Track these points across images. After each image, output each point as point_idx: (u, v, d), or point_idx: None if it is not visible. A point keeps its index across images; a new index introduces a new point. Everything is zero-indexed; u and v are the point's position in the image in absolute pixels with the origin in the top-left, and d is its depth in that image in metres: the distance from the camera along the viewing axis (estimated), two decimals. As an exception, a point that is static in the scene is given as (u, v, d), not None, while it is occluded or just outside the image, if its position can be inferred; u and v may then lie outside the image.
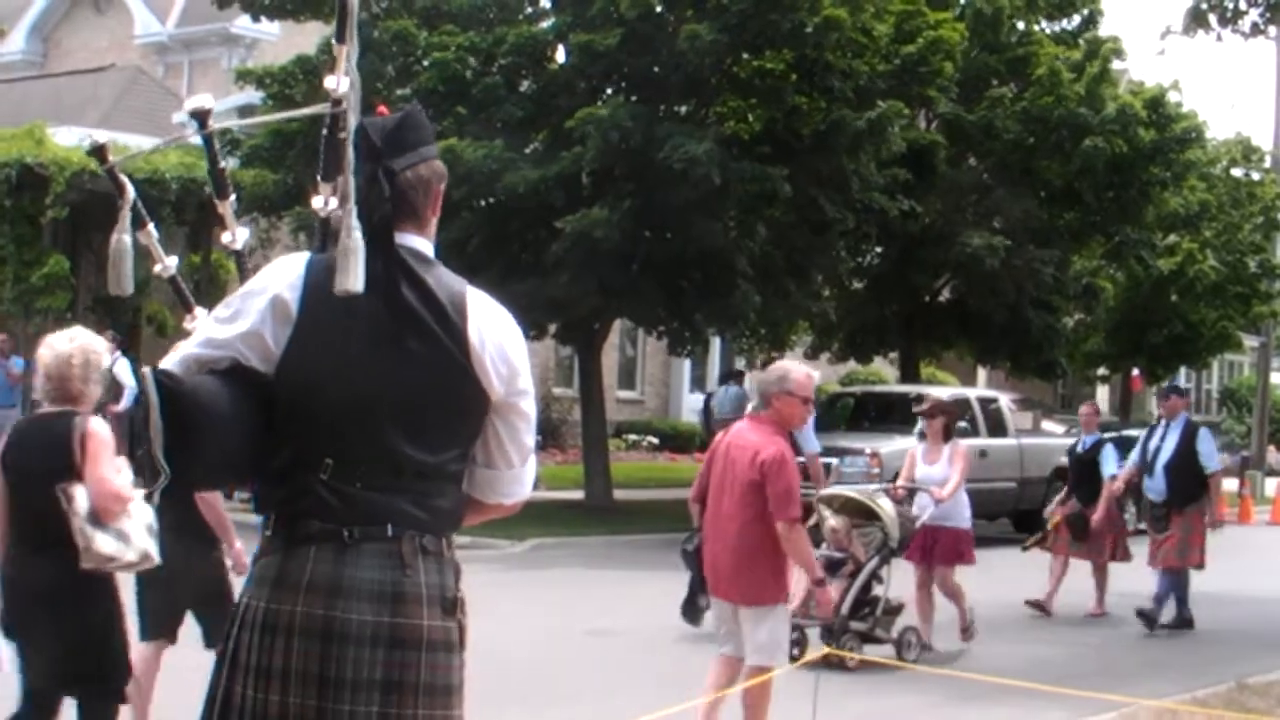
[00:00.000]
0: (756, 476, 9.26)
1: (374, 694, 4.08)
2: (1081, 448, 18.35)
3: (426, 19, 26.13)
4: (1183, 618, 16.89)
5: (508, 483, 4.45)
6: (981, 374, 46.82)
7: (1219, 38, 19.50)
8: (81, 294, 26.46)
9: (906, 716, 11.91)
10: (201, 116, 4.68)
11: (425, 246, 4.33)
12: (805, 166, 25.43)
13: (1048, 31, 34.20)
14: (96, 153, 4.78)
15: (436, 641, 4.18)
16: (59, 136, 27.11)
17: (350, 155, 4.11)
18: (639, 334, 37.59)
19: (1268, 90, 55.72)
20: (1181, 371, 51.61)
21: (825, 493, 14.67)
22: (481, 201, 25.15)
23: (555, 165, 24.15)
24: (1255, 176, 44.39)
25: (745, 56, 25.76)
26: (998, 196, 32.10)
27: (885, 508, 13.76)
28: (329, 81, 4.13)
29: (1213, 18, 19.27)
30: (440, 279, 4.27)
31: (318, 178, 4.28)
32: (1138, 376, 47.21)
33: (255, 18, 28.64)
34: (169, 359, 4.27)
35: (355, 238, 4.03)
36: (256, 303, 4.20)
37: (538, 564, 20.59)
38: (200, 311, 4.72)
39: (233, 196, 4.84)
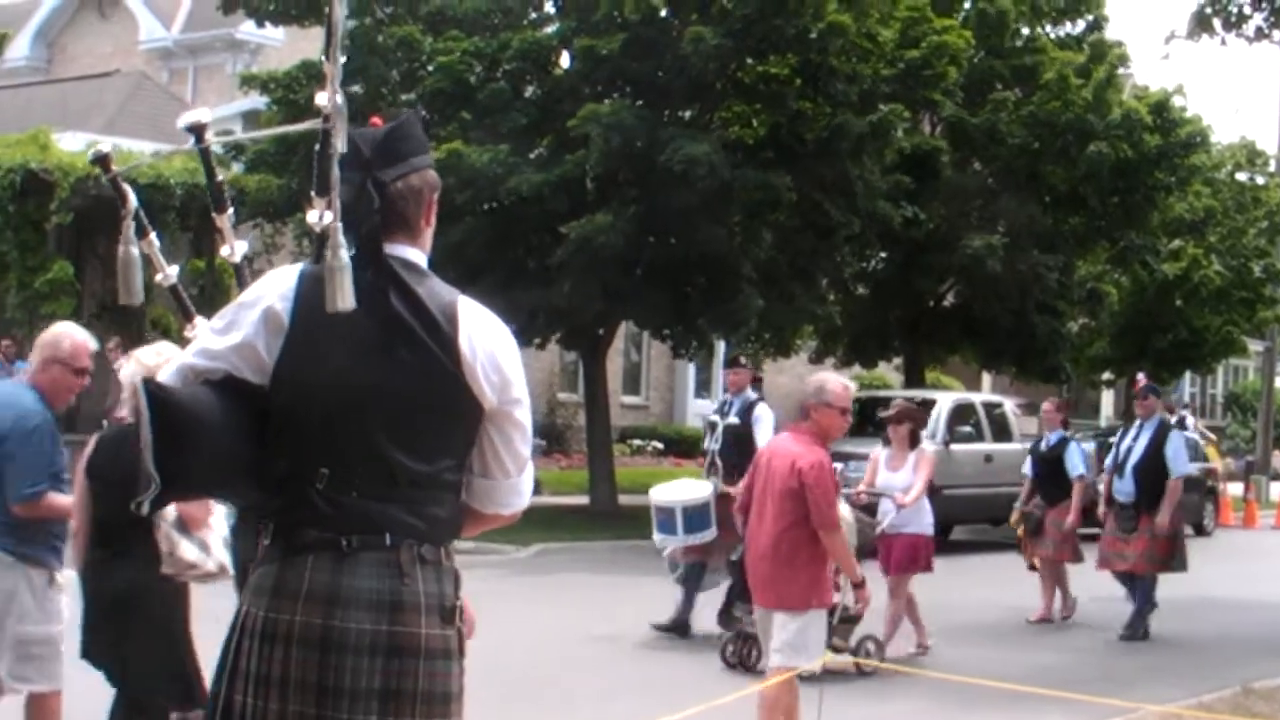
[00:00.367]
0: (795, 484, 9.43)
1: (372, 702, 4.09)
2: (1045, 445, 17.89)
3: (431, 24, 26.16)
4: (1137, 626, 16.56)
5: (505, 493, 4.44)
6: (986, 378, 46.78)
7: (1223, 42, 19.50)
8: (86, 300, 26.46)
9: (910, 722, 11.92)
10: (198, 130, 4.72)
11: (418, 257, 4.35)
12: (809, 171, 25.46)
13: (1052, 36, 34.21)
14: (100, 162, 4.86)
15: (435, 650, 4.18)
16: (64, 142, 27.12)
17: (335, 173, 4.10)
18: (644, 339, 37.60)
19: (1272, 95, 55.68)
20: (1186, 376, 51.61)
21: None
22: (486, 206, 25.18)
23: (559, 169, 24.18)
24: (1260, 181, 44.33)
25: (749, 61, 25.77)
26: (1002, 201, 32.13)
27: (844, 514, 13.10)
28: (319, 98, 4.11)
29: (1217, 22, 19.25)
30: (432, 289, 4.28)
31: (312, 192, 4.27)
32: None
33: (260, 23, 28.70)
34: (166, 369, 4.28)
35: (342, 256, 4.03)
36: (250, 314, 4.21)
37: (542, 569, 20.59)
38: (200, 320, 4.76)
39: (231, 210, 4.87)
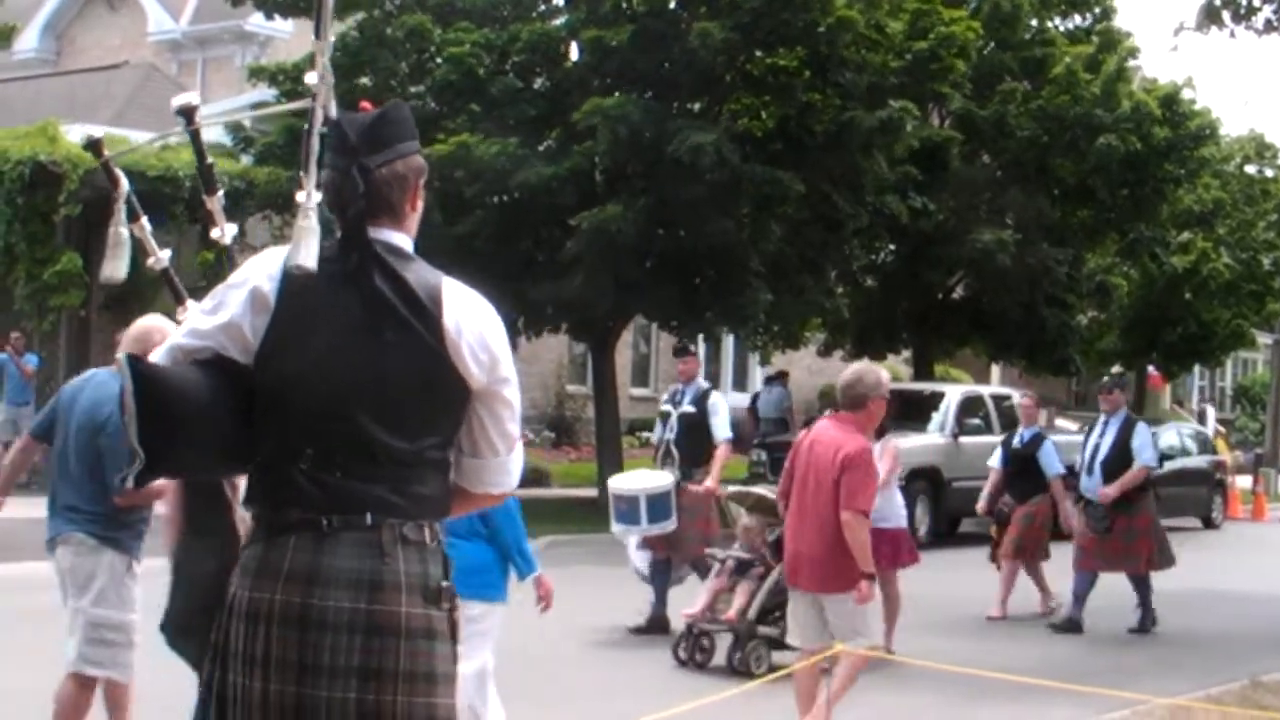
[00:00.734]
0: (837, 473, 9.71)
1: (351, 680, 4.12)
2: (1019, 442, 17.50)
3: (441, 15, 26.14)
4: (1072, 620, 16.21)
5: (494, 471, 4.49)
6: (995, 371, 46.78)
7: (1232, 35, 19.44)
8: (95, 292, 26.45)
9: (919, 714, 11.90)
10: (188, 113, 4.86)
11: (403, 241, 4.41)
12: (818, 164, 25.43)
13: (1061, 29, 34.20)
14: (92, 147, 5.00)
15: (416, 629, 4.20)
16: (72, 134, 27.09)
17: (315, 146, 4.20)
18: (652, 331, 37.57)
19: (1282, 87, 55.61)
20: (1196, 369, 51.62)
21: (736, 490, 14.20)
22: (495, 198, 25.17)
23: (568, 162, 24.17)
24: (1269, 174, 44.41)
25: (758, 54, 25.76)
26: (1011, 194, 32.12)
27: None
28: (309, 77, 4.21)
29: (1226, 15, 19.21)
30: (417, 272, 4.35)
31: (300, 172, 4.33)
32: (1158, 375, 47.18)
33: (268, 15, 28.66)
34: (158, 349, 4.36)
35: (312, 220, 4.13)
36: (237, 294, 4.29)
37: (551, 561, 20.43)
38: (191, 303, 4.84)
39: (220, 193, 5.00)
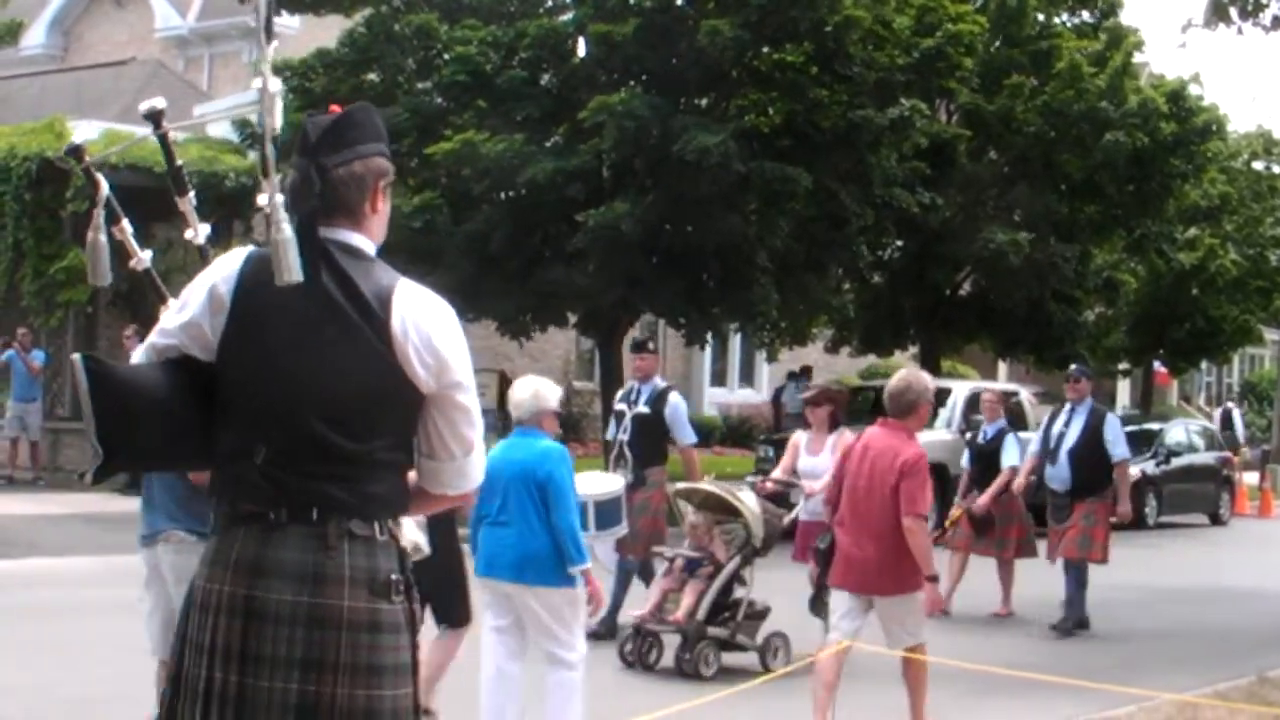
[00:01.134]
0: (895, 479, 9.94)
1: (293, 671, 4.20)
2: (983, 438, 17.38)
3: (448, 12, 26.15)
4: (1077, 618, 15.82)
5: (451, 474, 4.54)
6: (1002, 367, 46.76)
7: (1240, 31, 19.45)
8: (102, 288, 26.46)
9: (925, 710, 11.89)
10: (155, 117, 4.99)
11: (362, 242, 4.45)
12: (825, 160, 25.42)
13: (1068, 25, 34.16)
14: (74, 153, 5.10)
15: (359, 622, 4.25)
16: (79, 130, 27.14)
17: (270, 152, 4.25)
18: (660, 327, 37.57)
19: (1289, 83, 55.57)
20: (1203, 365, 51.60)
21: (683, 487, 13.66)
22: (503, 195, 25.19)
23: (575, 158, 24.17)
24: (1276, 170, 44.32)
25: (765, 50, 25.74)
26: (1018, 190, 32.10)
27: (747, 503, 12.79)
28: (256, 81, 4.26)
29: (1233, 10, 19.20)
30: (370, 273, 4.38)
31: (260, 174, 4.39)
32: (1162, 372, 47.16)
33: (276, 11, 28.67)
34: (138, 349, 4.58)
35: (285, 230, 4.16)
36: (199, 294, 4.40)
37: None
38: (173, 302, 4.89)
39: (192, 193, 5.12)
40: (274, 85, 4.22)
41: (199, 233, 5.10)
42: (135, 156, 22.62)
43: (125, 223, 5.11)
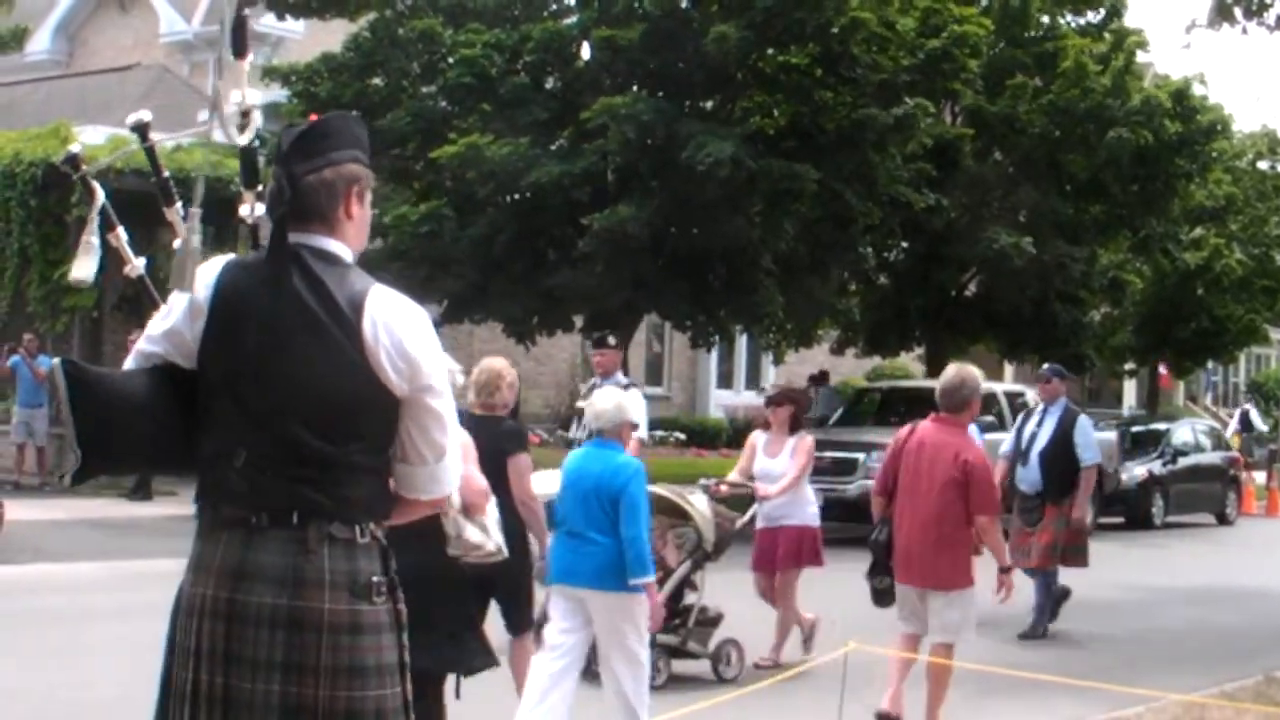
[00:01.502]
0: (958, 475, 10.16)
1: (274, 674, 4.26)
2: None
3: (452, 17, 26.18)
4: (1039, 625, 15.57)
5: (424, 479, 4.57)
6: (1008, 369, 46.74)
7: (1244, 31, 19.43)
8: (109, 293, 26.49)
9: (933, 711, 11.89)
10: (142, 129, 5.04)
11: (337, 248, 4.50)
12: (830, 161, 25.42)
13: (1073, 25, 34.16)
14: (70, 162, 5.20)
15: (340, 624, 4.30)
16: (85, 136, 27.16)
17: (258, 163, 4.46)
18: (666, 330, 37.61)
19: (1294, 83, 55.57)
20: (1209, 365, 51.58)
21: None
22: (508, 198, 25.21)
23: (580, 161, 24.19)
24: (1280, 169, 44.32)
25: (770, 52, 25.75)
26: (1023, 191, 32.10)
27: (698, 507, 12.23)
28: (234, 95, 4.43)
29: (1238, 10, 19.19)
30: (343, 278, 4.43)
31: (241, 186, 4.53)
32: (1164, 375, 47.15)
33: (281, 16, 28.70)
34: (130, 355, 4.59)
35: (193, 241, 4.47)
36: (181, 301, 4.50)
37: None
38: (163, 309, 4.99)
39: (179, 203, 5.15)
40: (253, 97, 4.39)
41: (186, 240, 5.15)
42: (139, 162, 22.56)
43: (120, 230, 5.19)
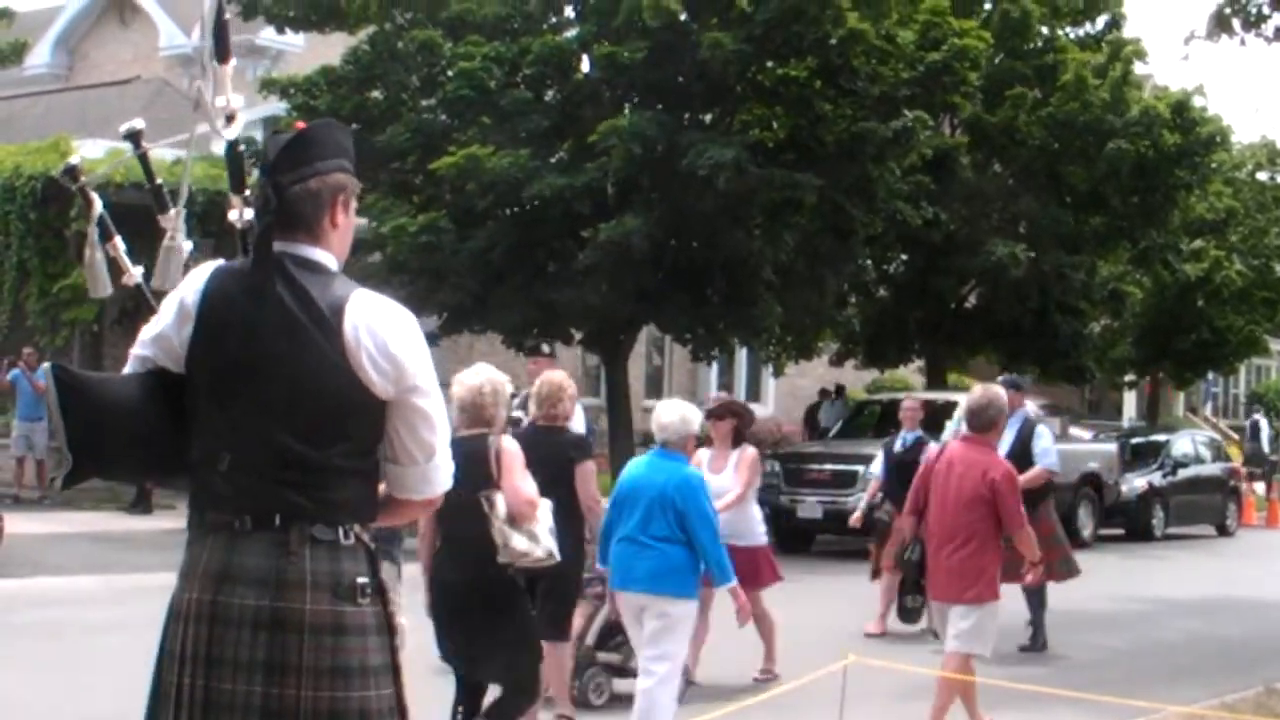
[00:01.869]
0: (986, 493, 10.38)
1: (256, 675, 4.28)
2: (901, 446, 16.56)
3: (451, 29, 26.18)
4: (1037, 638, 15.40)
5: (415, 479, 4.61)
6: (1008, 380, 46.68)
7: (1243, 42, 19.43)
8: (108, 306, 26.50)
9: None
10: (134, 137, 5.20)
11: (322, 256, 4.54)
12: (830, 173, 25.43)
13: (1071, 37, 34.17)
14: (69, 173, 5.30)
15: (322, 625, 4.32)
16: (84, 149, 27.14)
17: (252, 173, 4.48)
18: (665, 343, 37.59)
19: (1293, 94, 55.60)
20: (1209, 376, 51.60)
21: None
22: (507, 210, 25.21)
23: (581, 176, 24.19)
24: (1280, 180, 44.33)
25: (769, 64, 25.76)
26: (1023, 202, 32.12)
27: None
28: (219, 100, 4.53)
29: (1236, 22, 19.18)
30: (327, 285, 4.47)
31: (230, 192, 4.59)
32: (1149, 385, 47.24)
33: (280, 29, 28.75)
34: (129, 360, 4.63)
35: (179, 240, 4.62)
36: (170, 307, 4.57)
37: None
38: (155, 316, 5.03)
39: (173, 210, 5.25)
40: (236, 101, 4.55)
41: (182, 249, 5.19)
42: (138, 175, 22.61)
43: (118, 240, 5.23)
